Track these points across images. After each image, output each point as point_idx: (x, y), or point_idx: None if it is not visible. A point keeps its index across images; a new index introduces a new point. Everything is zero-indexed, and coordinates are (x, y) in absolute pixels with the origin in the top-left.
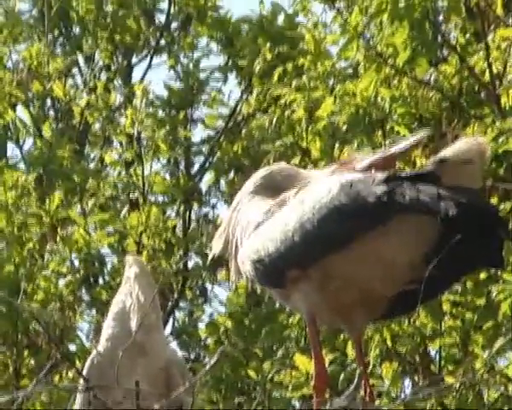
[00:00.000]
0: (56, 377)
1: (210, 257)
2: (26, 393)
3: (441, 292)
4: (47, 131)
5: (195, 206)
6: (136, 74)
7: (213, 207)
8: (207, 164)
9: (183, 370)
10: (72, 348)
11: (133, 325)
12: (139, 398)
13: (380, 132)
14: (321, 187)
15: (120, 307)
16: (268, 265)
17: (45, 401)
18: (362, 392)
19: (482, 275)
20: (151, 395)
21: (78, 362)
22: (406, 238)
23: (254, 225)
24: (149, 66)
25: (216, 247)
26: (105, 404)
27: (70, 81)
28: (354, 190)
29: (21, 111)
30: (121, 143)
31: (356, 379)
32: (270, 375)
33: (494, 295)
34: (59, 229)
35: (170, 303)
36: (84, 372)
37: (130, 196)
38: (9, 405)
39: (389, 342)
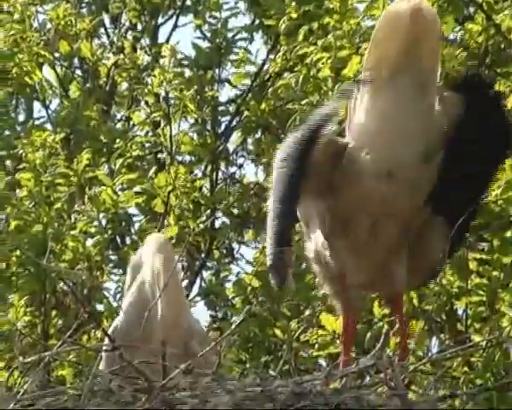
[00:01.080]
0: (84, 337)
1: None
2: (52, 353)
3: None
4: (74, 92)
5: (222, 165)
6: (162, 34)
7: (240, 166)
8: (234, 123)
9: (202, 339)
10: (100, 307)
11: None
12: (165, 359)
13: None
14: None
15: (142, 283)
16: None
17: (73, 360)
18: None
19: (508, 233)
20: (175, 356)
21: (105, 322)
22: None
23: None
24: (175, 26)
25: None
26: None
27: (97, 41)
28: None
29: (48, 71)
30: (148, 103)
31: (382, 338)
32: (297, 334)
33: None
34: (87, 189)
35: (197, 263)
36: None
37: (158, 156)
38: (36, 365)
39: (415, 301)
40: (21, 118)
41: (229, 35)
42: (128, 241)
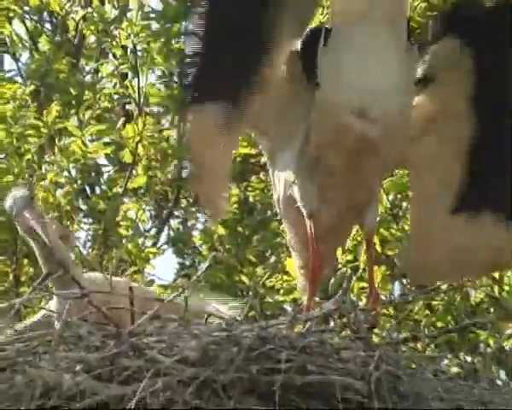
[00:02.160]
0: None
1: None
2: (23, 299)
3: None
4: (43, 45)
5: (190, 117)
6: None
7: None
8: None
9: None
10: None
11: None
12: (133, 303)
13: None
14: None
15: None
16: None
17: (43, 307)
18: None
19: None
20: None
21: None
22: None
23: None
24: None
25: None
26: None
27: None
28: None
29: (18, 25)
30: (116, 56)
31: (345, 283)
32: (263, 280)
33: None
34: (56, 140)
35: (165, 212)
36: None
37: (126, 107)
38: (8, 311)
39: (378, 247)
40: None
41: None
42: (98, 191)
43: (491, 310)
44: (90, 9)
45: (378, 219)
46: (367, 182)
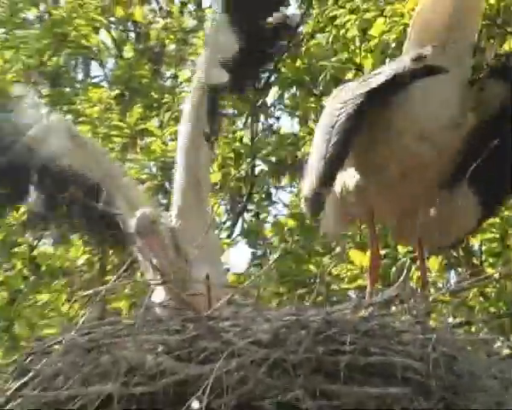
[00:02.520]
0: (138, 273)
1: None
2: (108, 287)
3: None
4: (128, 53)
5: (262, 118)
6: (206, 0)
7: (278, 118)
8: (272, 79)
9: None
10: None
11: None
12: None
13: None
14: None
15: None
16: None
17: (128, 293)
18: (416, 283)
19: None
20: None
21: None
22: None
23: None
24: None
25: None
26: (179, 295)
27: (148, 7)
28: None
29: (104, 35)
30: (194, 63)
31: (405, 271)
32: (329, 269)
33: None
34: (138, 140)
35: (239, 206)
36: None
37: None
38: (94, 298)
39: None
40: (80, 77)
41: None
42: None
43: None
44: (169, 20)
45: None
46: (417, 193)
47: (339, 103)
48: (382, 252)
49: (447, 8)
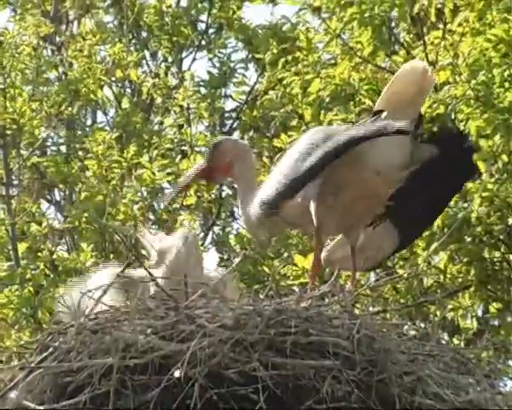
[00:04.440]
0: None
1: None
2: (109, 284)
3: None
4: (125, 104)
5: None
6: (186, 64)
7: None
8: (235, 125)
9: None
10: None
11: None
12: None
13: (352, 102)
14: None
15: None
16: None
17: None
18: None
19: None
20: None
21: (146, 262)
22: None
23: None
24: (194, 58)
25: None
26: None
27: (141, 69)
28: None
29: (107, 90)
30: (176, 112)
31: (336, 272)
32: (278, 270)
33: None
34: (133, 171)
35: (210, 222)
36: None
37: (182, 148)
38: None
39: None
40: (88, 122)
41: (232, 65)
42: (162, 206)
43: (438, 291)
44: (157, 79)
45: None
46: (361, 215)
47: (314, 142)
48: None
49: (414, 85)
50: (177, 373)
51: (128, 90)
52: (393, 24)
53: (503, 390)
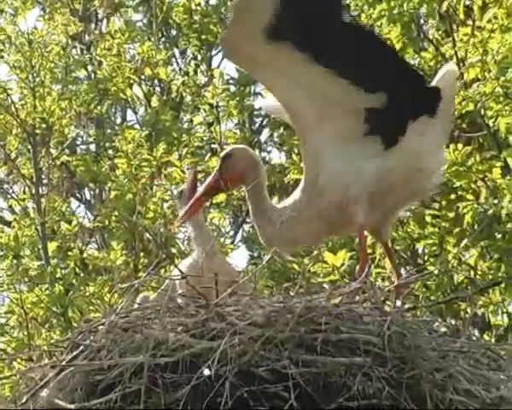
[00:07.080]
0: (162, 271)
1: None
2: (140, 281)
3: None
4: (154, 102)
5: (257, 152)
6: (215, 62)
7: (269, 152)
8: (264, 123)
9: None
10: (173, 250)
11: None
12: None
13: None
14: None
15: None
16: None
17: (155, 286)
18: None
19: (452, 196)
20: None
21: (176, 260)
22: None
23: None
24: (224, 56)
25: None
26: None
27: (170, 67)
28: None
29: (136, 89)
30: (205, 110)
31: (366, 269)
32: (308, 267)
33: (460, 210)
34: (163, 169)
35: (240, 219)
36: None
37: (211, 145)
38: (129, 290)
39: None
40: (118, 121)
41: None
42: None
43: (469, 288)
44: (186, 77)
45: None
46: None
47: None
48: (349, 254)
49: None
50: (207, 371)
51: (157, 89)
52: (422, 21)
53: None
